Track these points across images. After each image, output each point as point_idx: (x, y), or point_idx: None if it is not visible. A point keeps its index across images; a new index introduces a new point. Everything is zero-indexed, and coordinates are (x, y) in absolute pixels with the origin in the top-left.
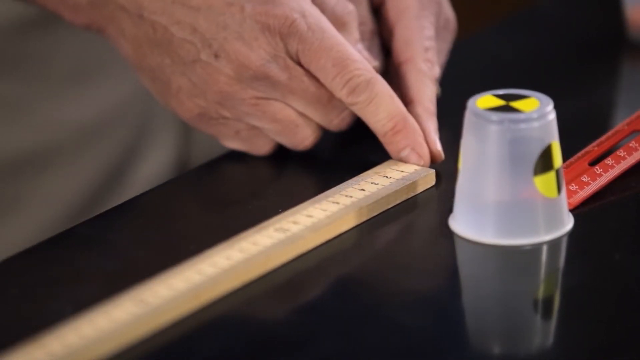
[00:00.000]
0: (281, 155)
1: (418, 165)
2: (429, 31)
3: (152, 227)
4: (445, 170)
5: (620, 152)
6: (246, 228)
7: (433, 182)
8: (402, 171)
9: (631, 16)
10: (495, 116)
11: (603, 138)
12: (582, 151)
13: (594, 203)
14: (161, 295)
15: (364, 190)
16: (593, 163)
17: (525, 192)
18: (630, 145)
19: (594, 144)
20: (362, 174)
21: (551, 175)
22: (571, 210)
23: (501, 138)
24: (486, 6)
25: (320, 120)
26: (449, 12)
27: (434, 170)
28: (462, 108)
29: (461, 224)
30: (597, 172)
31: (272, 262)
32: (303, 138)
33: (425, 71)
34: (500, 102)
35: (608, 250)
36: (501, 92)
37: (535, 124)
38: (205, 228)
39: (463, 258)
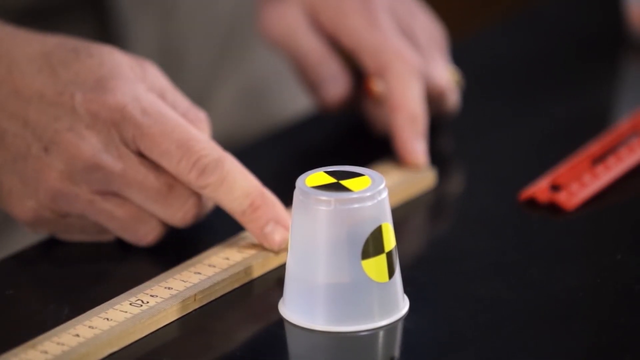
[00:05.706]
0: None
1: (282, 241)
2: (388, 24)
3: None
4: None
5: (622, 152)
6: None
7: (432, 183)
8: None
9: (631, 16)
10: (324, 195)
11: (605, 138)
12: (584, 151)
13: (595, 203)
14: (160, 295)
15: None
16: (594, 163)
17: (354, 276)
18: (632, 145)
19: (596, 143)
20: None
21: (381, 259)
22: (572, 211)
23: (328, 218)
24: (486, 6)
25: (162, 215)
26: None
27: (434, 171)
28: (461, 108)
29: (291, 308)
30: (599, 172)
31: (272, 262)
32: (145, 234)
33: (401, 73)
34: (330, 180)
35: (610, 250)
36: (332, 169)
37: (364, 204)
38: (204, 228)
39: (293, 346)
